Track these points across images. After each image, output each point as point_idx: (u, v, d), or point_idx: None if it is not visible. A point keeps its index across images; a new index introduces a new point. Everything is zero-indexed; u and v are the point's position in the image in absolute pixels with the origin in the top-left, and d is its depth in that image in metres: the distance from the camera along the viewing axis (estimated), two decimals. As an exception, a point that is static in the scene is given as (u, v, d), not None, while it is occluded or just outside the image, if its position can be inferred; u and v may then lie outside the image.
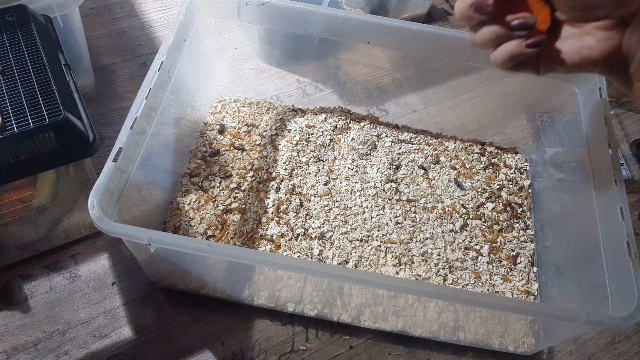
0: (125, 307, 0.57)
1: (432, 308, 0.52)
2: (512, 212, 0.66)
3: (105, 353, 0.54)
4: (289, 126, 0.71)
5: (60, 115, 0.48)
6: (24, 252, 0.59)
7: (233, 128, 0.70)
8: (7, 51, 0.52)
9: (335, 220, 0.62)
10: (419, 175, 0.68)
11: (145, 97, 0.52)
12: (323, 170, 0.67)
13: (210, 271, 0.54)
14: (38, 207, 0.55)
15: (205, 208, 0.62)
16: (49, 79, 0.51)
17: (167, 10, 0.88)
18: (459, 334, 0.56)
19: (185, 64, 0.62)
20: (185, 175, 0.65)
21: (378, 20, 0.63)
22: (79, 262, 0.60)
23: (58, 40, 0.58)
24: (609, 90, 0.83)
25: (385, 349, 0.57)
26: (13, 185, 0.52)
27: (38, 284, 0.58)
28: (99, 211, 0.44)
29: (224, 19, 0.65)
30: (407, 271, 0.59)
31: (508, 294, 0.60)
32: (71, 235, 0.60)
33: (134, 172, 0.51)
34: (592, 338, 0.60)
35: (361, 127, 0.73)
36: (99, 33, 0.83)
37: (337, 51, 0.74)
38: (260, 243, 0.59)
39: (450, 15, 0.94)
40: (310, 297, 0.54)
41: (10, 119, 0.47)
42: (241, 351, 0.55)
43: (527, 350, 0.57)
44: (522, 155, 0.73)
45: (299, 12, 0.63)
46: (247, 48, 0.77)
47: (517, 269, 0.62)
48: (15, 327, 0.55)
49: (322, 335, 0.57)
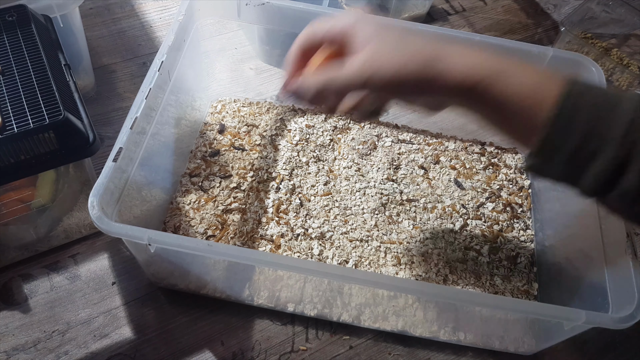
0: (125, 307, 0.57)
1: (432, 308, 0.52)
2: (512, 212, 0.66)
3: (105, 353, 0.54)
4: (289, 126, 0.71)
5: (60, 115, 0.48)
6: (24, 252, 0.59)
7: (233, 128, 0.70)
8: (7, 51, 0.52)
9: (335, 220, 0.63)
10: (419, 175, 0.68)
11: (145, 97, 0.52)
12: (323, 170, 0.67)
13: (210, 271, 0.54)
14: (38, 207, 0.55)
15: (205, 208, 0.62)
16: (49, 79, 0.51)
17: (167, 10, 0.88)
18: (459, 334, 0.56)
19: (185, 64, 0.62)
20: (185, 175, 0.65)
21: (378, 20, 0.63)
22: (79, 262, 0.60)
23: (58, 40, 0.58)
24: (609, 90, 0.82)
25: (385, 349, 0.57)
26: (13, 185, 0.52)
27: (38, 284, 0.58)
28: (99, 211, 0.44)
29: (224, 19, 0.66)
30: (407, 271, 0.59)
31: (508, 294, 0.60)
32: (71, 235, 0.60)
33: (134, 172, 0.51)
34: (592, 338, 0.60)
35: (361, 127, 0.73)
36: (99, 33, 0.83)
37: (337, 51, 0.73)
38: (260, 243, 0.59)
39: (450, 15, 0.94)
40: (310, 297, 0.54)
41: (10, 119, 0.47)
42: (241, 351, 0.55)
43: (527, 350, 0.57)
44: (522, 155, 0.73)
45: (299, 12, 0.63)
46: (247, 48, 0.77)
47: (517, 269, 0.62)
48: (15, 327, 0.55)
49: (322, 335, 0.57)
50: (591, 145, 0.38)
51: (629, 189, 0.38)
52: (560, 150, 0.39)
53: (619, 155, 0.37)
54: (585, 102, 0.39)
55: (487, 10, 0.96)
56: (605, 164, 0.38)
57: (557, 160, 0.40)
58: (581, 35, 0.88)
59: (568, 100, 0.38)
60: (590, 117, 0.38)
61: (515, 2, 0.99)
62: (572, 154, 0.39)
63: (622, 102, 0.39)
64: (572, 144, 0.39)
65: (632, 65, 0.84)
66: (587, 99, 0.39)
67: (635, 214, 0.40)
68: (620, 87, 0.83)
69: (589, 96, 0.39)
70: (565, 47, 0.86)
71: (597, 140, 0.38)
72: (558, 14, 0.97)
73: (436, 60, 0.39)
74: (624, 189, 0.38)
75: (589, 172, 0.39)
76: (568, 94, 0.39)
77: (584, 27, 0.89)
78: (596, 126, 0.38)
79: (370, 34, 0.41)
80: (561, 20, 0.91)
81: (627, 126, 0.37)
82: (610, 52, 0.86)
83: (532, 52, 0.62)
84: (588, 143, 0.38)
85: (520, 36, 0.92)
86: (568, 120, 0.38)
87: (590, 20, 0.90)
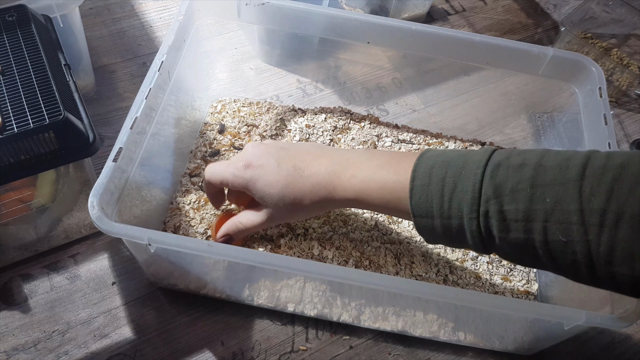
0: (125, 307, 0.57)
1: (432, 308, 0.52)
2: (512, 212, 0.66)
3: (105, 353, 0.54)
4: (289, 126, 0.71)
5: (60, 115, 0.48)
6: (24, 252, 0.59)
7: (233, 128, 0.70)
8: (7, 51, 0.52)
9: (335, 220, 0.62)
10: (419, 175, 0.68)
11: (145, 97, 0.52)
12: (323, 170, 0.67)
13: (210, 271, 0.54)
14: (38, 207, 0.55)
15: (205, 208, 0.62)
16: (49, 79, 0.51)
17: (167, 10, 0.88)
18: (459, 334, 0.56)
19: (185, 64, 0.62)
20: (185, 175, 0.65)
21: (378, 20, 0.63)
22: (79, 262, 0.60)
23: (58, 40, 0.58)
24: (609, 90, 0.83)
25: (385, 349, 0.57)
26: (13, 185, 0.52)
27: (38, 284, 0.58)
28: (99, 211, 0.44)
29: (224, 19, 0.65)
30: (407, 271, 0.59)
31: (508, 294, 0.60)
32: (71, 235, 0.60)
33: (134, 172, 0.51)
34: (592, 338, 0.60)
35: (361, 127, 0.73)
36: (99, 33, 0.83)
37: (337, 51, 0.74)
38: (260, 243, 0.59)
39: (450, 15, 0.94)
40: (310, 297, 0.54)
41: (10, 119, 0.47)
42: (241, 351, 0.55)
43: (527, 350, 0.57)
44: (522, 155, 0.73)
45: (299, 12, 0.63)
46: (247, 48, 0.77)
47: (517, 269, 0.62)
48: (15, 327, 0.55)
49: (322, 335, 0.57)
50: (454, 202, 0.40)
51: (510, 236, 0.38)
52: (431, 215, 0.41)
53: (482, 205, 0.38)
54: (436, 165, 0.41)
55: (487, 10, 0.96)
56: (472, 216, 0.39)
57: (434, 224, 0.41)
58: (581, 35, 0.88)
59: (419, 169, 0.42)
60: (443, 176, 0.40)
61: (515, 2, 0.99)
62: (441, 214, 0.40)
63: (471, 155, 0.41)
64: (437, 205, 0.40)
65: (632, 65, 0.84)
66: (437, 161, 0.42)
67: (526, 262, 0.41)
68: (620, 87, 0.83)
69: (438, 159, 0.42)
70: (565, 47, 0.86)
71: (457, 195, 0.39)
72: (558, 14, 0.97)
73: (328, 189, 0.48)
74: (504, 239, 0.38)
75: (464, 228, 0.40)
76: (417, 165, 0.42)
77: (584, 27, 0.89)
78: (451, 182, 0.40)
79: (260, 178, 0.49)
80: (561, 20, 0.91)
81: (480, 177, 0.39)
82: (610, 52, 0.87)
83: (532, 52, 0.62)
84: (450, 201, 0.40)
85: (520, 36, 0.92)
86: (426, 185, 0.41)
87: (590, 20, 0.90)
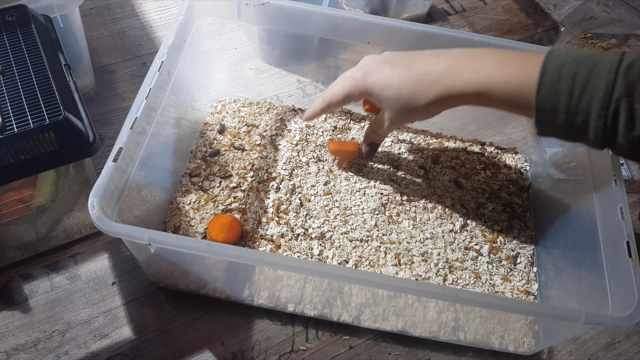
0: (125, 307, 0.57)
1: (432, 308, 0.52)
2: (512, 212, 0.66)
3: (105, 353, 0.54)
4: (289, 126, 0.71)
5: (60, 115, 0.48)
6: (24, 252, 0.59)
7: (233, 128, 0.70)
8: (7, 51, 0.52)
9: (335, 220, 0.62)
10: (419, 175, 0.68)
11: (145, 97, 0.52)
12: (323, 171, 0.67)
13: (210, 271, 0.54)
14: (38, 207, 0.55)
15: (205, 208, 0.62)
16: (49, 79, 0.51)
17: (167, 10, 0.88)
18: (459, 334, 0.56)
19: (185, 64, 0.62)
20: (185, 175, 0.65)
21: (378, 20, 0.63)
22: (79, 262, 0.60)
23: (58, 40, 0.58)
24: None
25: (385, 349, 0.57)
26: (13, 185, 0.52)
27: (38, 284, 0.58)
28: (99, 211, 0.44)
29: (224, 19, 0.66)
30: (407, 271, 0.59)
31: (508, 294, 0.60)
32: (71, 235, 0.60)
33: (134, 172, 0.51)
34: (592, 338, 0.60)
35: (361, 127, 0.73)
36: (99, 33, 0.83)
37: (337, 51, 0.74)
38: (260, 243, 0.59)
39: (450, 15, 0.94)
40: (311, 297, 0.54)
41: (10, 119, 0.47)
42: (241, 351, 0.55)
43: (527, 350, 0.57)
44: (522, 155, 0.73)
45: (299, 12, 0.63)
46: (247, 48, 0.77)
47: (517, 269, 0.62)
48: (15, 327, 0.55)
49: (322, 335, 0.57)
50: (583, 99, 0.41)
51: (633, 133, 0.39)
52: (556, 110, 0.42)
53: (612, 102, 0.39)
54: (566, 63, 0.42)
55: (487, 10, 0.96)
56: (601, 113, 0.40)
57: (558, 119, 0.42)
58: (581, 35, 0.88)
59: (549, 66, 0.42)
60: (574, 73, 0.41)
61: (515, 2, 0.99)
62: (568, 110, 0.41)
63: (601, 55, 0.41)
64: (564, 102, 0.41)
65: (632, 65, 0.84)
66: (567, 60, 0.42)
67: None
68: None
69: (568, 57, 0.42)
70: (565, 47, 0.86)
71: (588, 92, 0.40)
72: (558, 14, 0.97)
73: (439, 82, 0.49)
74: (628, 135, 0.39)
75: (589, 124, 0.41)
76: (546, 61, 0.42)
77: (584, 27, 0.89)
78: (582, 80, 0.41)
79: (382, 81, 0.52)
80: (561, 20, 0.91)
81: (614, 76, 0.39)
82: (610, 52, 0.86)
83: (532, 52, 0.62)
84: (580, 98, 0.41)
85: (520, 36, 0.92)
86: (555, 81, 0.42)
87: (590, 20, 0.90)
